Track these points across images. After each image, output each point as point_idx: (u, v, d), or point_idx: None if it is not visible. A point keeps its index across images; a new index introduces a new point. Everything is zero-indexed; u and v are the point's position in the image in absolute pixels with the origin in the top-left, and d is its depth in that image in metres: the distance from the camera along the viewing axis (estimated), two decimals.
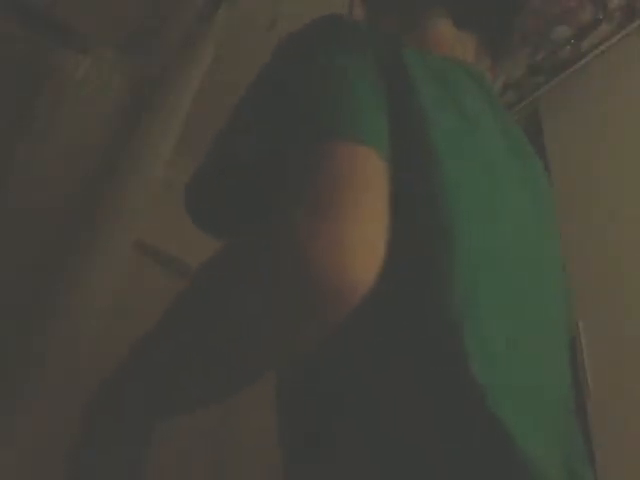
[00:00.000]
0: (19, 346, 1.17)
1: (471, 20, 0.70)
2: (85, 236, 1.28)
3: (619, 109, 1.33)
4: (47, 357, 1.17)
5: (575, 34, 1.55)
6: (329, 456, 0.44)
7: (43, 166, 1.34)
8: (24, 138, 1.36)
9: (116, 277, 1.31)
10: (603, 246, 1.21)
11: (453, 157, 0.49)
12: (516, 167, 0.60)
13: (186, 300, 0.42)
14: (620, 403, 1.04)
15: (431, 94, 0.50)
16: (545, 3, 1.72)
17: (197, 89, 1.53)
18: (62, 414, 1.09)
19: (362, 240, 0.37)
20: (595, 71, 1.46)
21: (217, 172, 0.52)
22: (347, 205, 0.37)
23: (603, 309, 1.14)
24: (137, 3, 1.72)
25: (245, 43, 1.99)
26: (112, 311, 1.27)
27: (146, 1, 1.72)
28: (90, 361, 1.21)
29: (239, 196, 0.49)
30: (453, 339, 0.42)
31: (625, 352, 1.07)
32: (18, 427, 1.09)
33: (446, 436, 0.40)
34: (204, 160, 0.52)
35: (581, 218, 1.29)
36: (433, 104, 0.50)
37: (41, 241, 1.28)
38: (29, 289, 1.23)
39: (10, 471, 1.04)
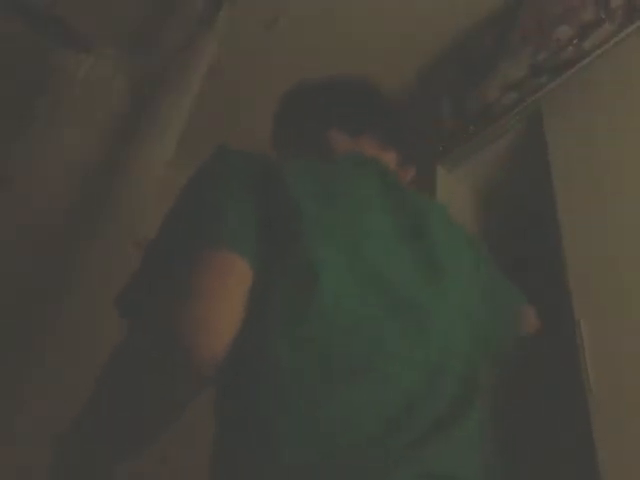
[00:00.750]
0: (19, 346, 1.17)
1: (361, 128, 0.87)
2: (85, 236, 1.28)
3: (622, 109, 1.33)
4: (47, 357, 1.17)
5: (577, 34, 1.55)
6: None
7: (43, 166, 1.34)
8: (24, 138, 1.36)
9: (116, 277, 1.30)
10: (604, 246, 1.21)
11: (317, 242, 0.62)
12: (405, 242, 0.71)
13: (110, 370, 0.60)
14: (621, 402, 1.03)
15: (299, 195, 0.64)
16: (547, 3, 1.72)
17: (197, 90, 1.53)
18: (62, 414, 1.09)
19: (210, 327, 0.54)
20: (597, 71, 1.45)
21: (142, 277, 0.66)
22: (202, 303, 0.54)
23: (604, 308, 1.14)
24: (137, 3, 1.72)
25: (245, 43, 1.99)
26: (112, 311, 1.27)
27: (146, 1, 1.72)
28: (91, 361, 1.21)
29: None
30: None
31: (626, 351, 1.06)
32: (18, 427, 1.09)
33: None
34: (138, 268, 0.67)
35: (582, 219, 1.28)
36: (302, 202, 0.64)
37: (41, 241, 1.28)
38: (29, 289, 1.23)
39: (10, 471, 1.03)
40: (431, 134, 1.94)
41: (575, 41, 1.54)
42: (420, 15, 1.91)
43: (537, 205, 1.58)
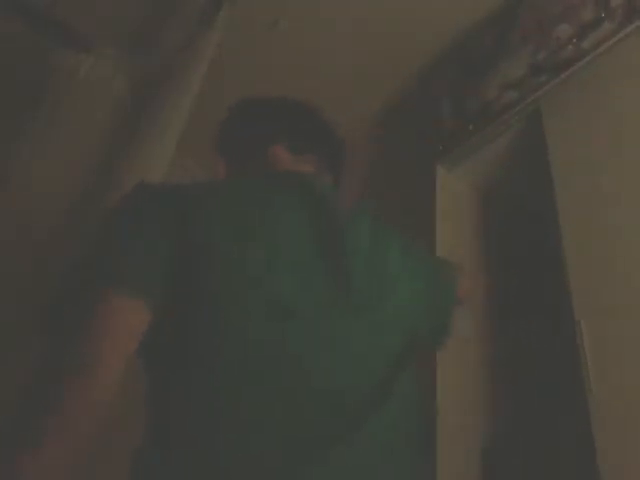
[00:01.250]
0: (19, 346, 1.17)
1: (304, 147, 0.93)
2: (85, 235, 1.28)
3: (621, 108, 1.33)
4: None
5: (577, 33, 1.54)
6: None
7: (43, 166, 1.34)
8: (24, 138, 1.36)
9: None
10: (604, 246, 1.21)
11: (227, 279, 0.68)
12: (320, 259, 0.75)
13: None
14: (621, 402, 1.03)
15: (209, 230, 0.69)
16: (547, 2, 1.72)
17: (197, 90, 1.53)
18: None
19: (95, 372, 0.60)
20: (597, 70, 1.45)
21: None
22: (88, 348, 0.61)
23: (604, 308, 1.14)
24: (137, 3, 1.72)
25: (245, 43, 1.99)
26: None
27: (146, 1, 1.72)
28: None
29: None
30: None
31: (626, 351, 1.06)
32: None
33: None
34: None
35: (582, 218, 1.28)
36: (211, 237, 0.69)
37: (41, 241, 1.28)
38: (30, 289, 1.23)
39: None
40: (431, 134, 1.94)
41: (575, 40, 1.53)
42: (420, 15, 1.91)
43: (537, 204, 1.58)
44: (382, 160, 2.38)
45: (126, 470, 0.65)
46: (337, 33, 1.99)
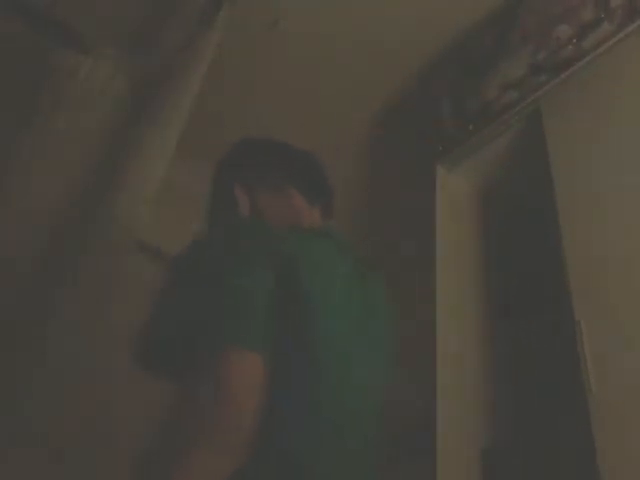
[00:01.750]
0: (19, 347, 1.17)
1: (314, 198, 1.01)
2: (85, 237, 1.28)
3: (621, 108, 1.33)
4: (48, 358, 1.17)
5: (577, 33, 1.55)
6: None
7: (43, 166, 1.34)
8: (25, 138, 1.36)
9: (117, 277, 1.31)
10: (604, 245, 1.21)
11: (324, 315, 0.77)
12: (357, 300, 0.88)
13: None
14: (621, 402, 1.03)
15: (309, 275, 0.77)
16: (547, 2, 1.72)
17: (197, 90, 1.53)
18: (61, 415, 1.09)
19: (241, 427, 0.63)
20: (597, 70, 1.45)
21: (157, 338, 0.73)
22: (234, 393, 0.63)
23: (604, 308, 1.14)
24: (137, 3, 1.72)
25: (245, 43, 1.99)
26: (112, 311, 1.28)
27: (146, 1, 1.72)
28: (90, 361, 1.21)
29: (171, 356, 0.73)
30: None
31: (626, 351, 1.06)
32: (18, 427, 1.09)
33: None
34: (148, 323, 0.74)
35: (582, 218, 1.28)
36: (311, 283, 0.77)
37: (41, 241, 1.28)
38: (29, 290, 1.23)
39: (10, 470, 1.04)
40: (431, 134, 1.95)
41: (575, 40, 1.54)
42: (420, 15, 1.91)
43: (537, 204, 1.58)
44: (382, 160, 2.38)
45: (126, 470, 0.65)
46: (337, 33, 1.99)
